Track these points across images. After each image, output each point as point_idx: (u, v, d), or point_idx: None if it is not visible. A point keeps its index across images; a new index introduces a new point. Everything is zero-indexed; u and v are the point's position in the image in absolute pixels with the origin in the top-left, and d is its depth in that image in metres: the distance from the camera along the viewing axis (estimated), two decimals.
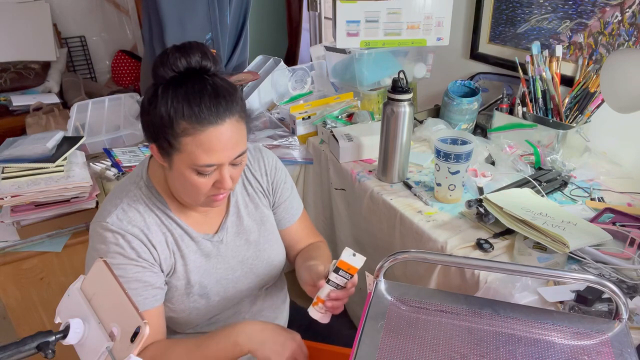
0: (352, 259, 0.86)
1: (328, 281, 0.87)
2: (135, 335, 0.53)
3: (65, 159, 1.41)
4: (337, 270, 0.87)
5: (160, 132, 0.83)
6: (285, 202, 1.11)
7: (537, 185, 1.30)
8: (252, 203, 1.06)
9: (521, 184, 1.31)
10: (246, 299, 1.07)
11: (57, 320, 0.63)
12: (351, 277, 0.87)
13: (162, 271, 0.93)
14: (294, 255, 1.16)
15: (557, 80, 1.49)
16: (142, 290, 0.89)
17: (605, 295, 0.88)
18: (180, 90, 0.81)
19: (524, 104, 1.54)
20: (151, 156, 0.98)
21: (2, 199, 1.30)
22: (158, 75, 0.83)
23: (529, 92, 1.53)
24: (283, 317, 1.17)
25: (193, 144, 0.81)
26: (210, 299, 0.99)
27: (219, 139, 0.82)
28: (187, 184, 0.87)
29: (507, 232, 1.15)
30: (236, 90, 0.87)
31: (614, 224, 1.12)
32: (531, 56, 1.52)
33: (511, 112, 1.57)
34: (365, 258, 0.87)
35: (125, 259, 0.88)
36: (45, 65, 3.24)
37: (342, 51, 1.75)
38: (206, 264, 0.99)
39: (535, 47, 1.53)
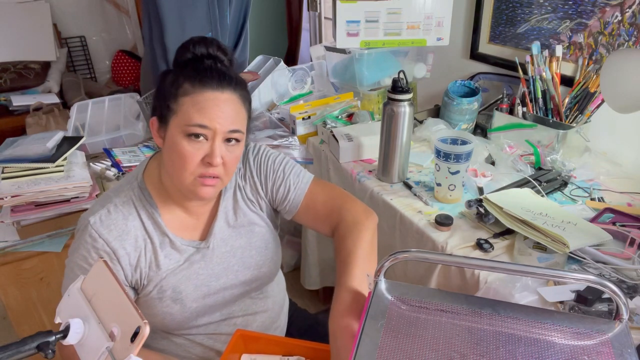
0: None
1: None
2: (135, 335, 0.53)
3: (65, 159, 1.41)
4: None
5: (163, 99, 0.88)
6: (285, 182, 1.03)
7: (537, 185, 1.30)
8: (240, 210, 1.03)
9: (521, 184, 1.31)
10: (236, 304, 1.04)
11: (57, 320, 0.62)
12: None
13: (134, 274, 0.92)
14: (326, 230, 1.03)
15: (557, 80, 1.49)
16: None
17: (605, 295, 0.88)
18: (193, 64, 0.88)
19: (524, 104, 1.54)
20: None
21: (2, 199, 1.30)
22: (177, 61, 0.90)
23: (529, 92, 1.53)
24: (281, 319, 1.14)
25: (189, 103, 0.85)
26: (185, 305, 0.96)
27: (216, 103, 0.85)
28: (175, 157, 0.87)
29: (507, 232, 1.15)
30: (245, 83, 0.92)
31: (614, 224, 1.12)
32: (531, 56, 1.52)
33: (511, 112, 1.57)
34: None
35: (88, 266, 0.88)
36: (45, 65, 3.24)
37: (342, 51, 1.75)
38: (185, 270, 0.96)
39: (535, 47, 1.53)
